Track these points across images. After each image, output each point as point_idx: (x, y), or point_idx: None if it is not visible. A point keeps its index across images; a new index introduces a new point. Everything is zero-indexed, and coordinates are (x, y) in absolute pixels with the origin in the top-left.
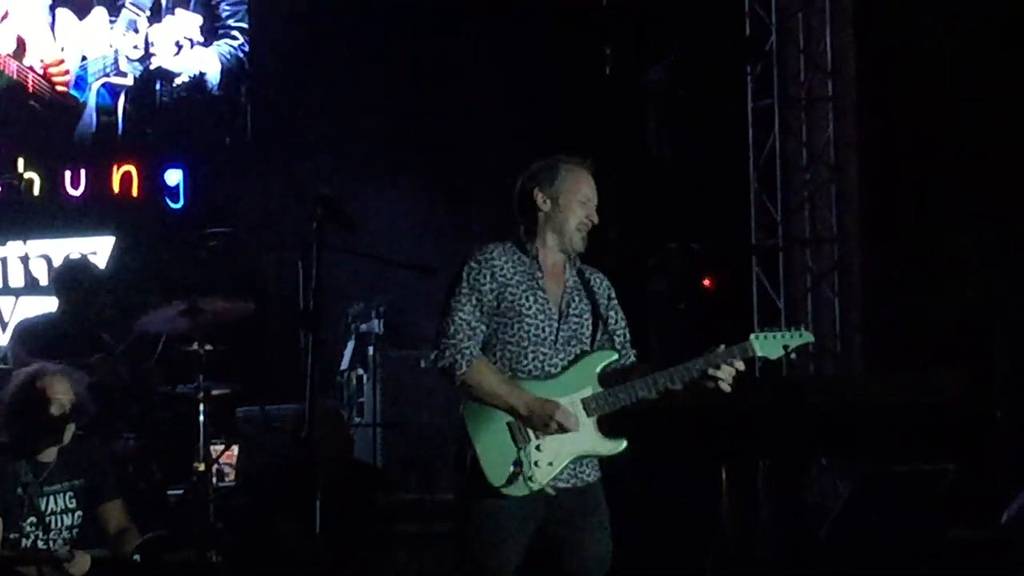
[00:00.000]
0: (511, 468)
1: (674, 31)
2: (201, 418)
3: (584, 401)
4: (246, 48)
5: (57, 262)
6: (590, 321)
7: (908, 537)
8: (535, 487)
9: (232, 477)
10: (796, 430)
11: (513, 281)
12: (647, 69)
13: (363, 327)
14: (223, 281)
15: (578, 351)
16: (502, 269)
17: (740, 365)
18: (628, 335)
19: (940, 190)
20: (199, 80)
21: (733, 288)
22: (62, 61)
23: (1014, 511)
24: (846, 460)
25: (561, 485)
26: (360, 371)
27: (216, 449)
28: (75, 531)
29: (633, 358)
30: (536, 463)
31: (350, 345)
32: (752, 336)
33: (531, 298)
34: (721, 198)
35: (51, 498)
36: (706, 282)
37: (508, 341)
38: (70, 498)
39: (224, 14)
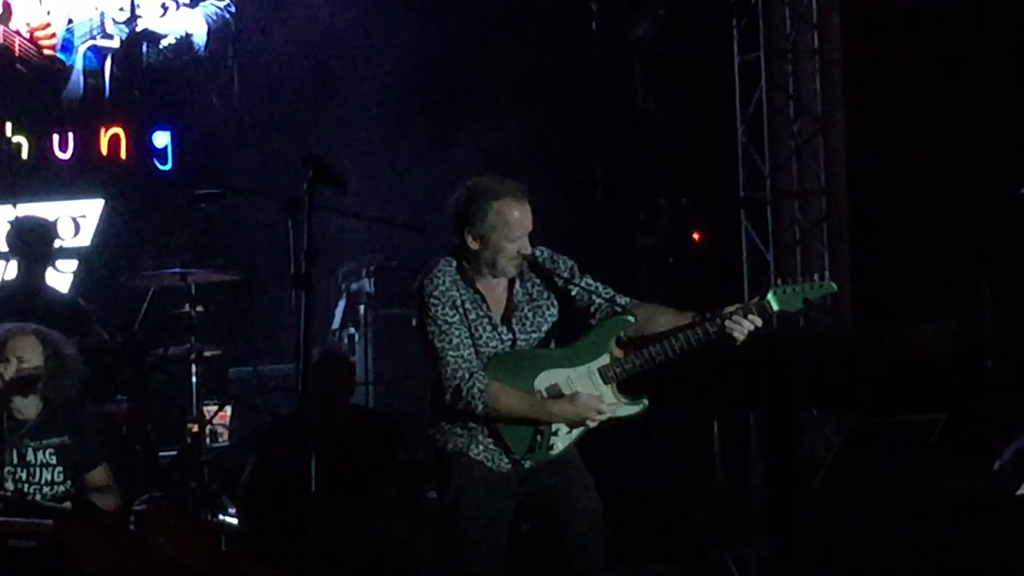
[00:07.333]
0: (534, 439)
1: None
2: (194, 379)
3: (601, 370)
4: (232, 9)
5: None
6: (546, 329)
7: (900, 487)
8: (554, 454)
9: (226, 438)
10: (787, 383)
11: (466, 307)
12: (633, 24)
13: (354, 286)
14: (212, 243)
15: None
16: (458, 299)
17: (758, 321)
18: (608, 292)
19: (928, 140)
20: (185, 41)
21: (722, 242)
22: (48, 24)
23: (1006, 459)
24: (837, 412)
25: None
26: (351, 330)
27: (209, 410)
28: (57, 488)
29: (627, 301)
30: (555, 432)
31: (341, 304)
32: (770, 292)
33: (479, 327)
34: (709, 152)
35: (30, 451)
36: (695, 236)
37: None
38: (50, 454)
39: None
